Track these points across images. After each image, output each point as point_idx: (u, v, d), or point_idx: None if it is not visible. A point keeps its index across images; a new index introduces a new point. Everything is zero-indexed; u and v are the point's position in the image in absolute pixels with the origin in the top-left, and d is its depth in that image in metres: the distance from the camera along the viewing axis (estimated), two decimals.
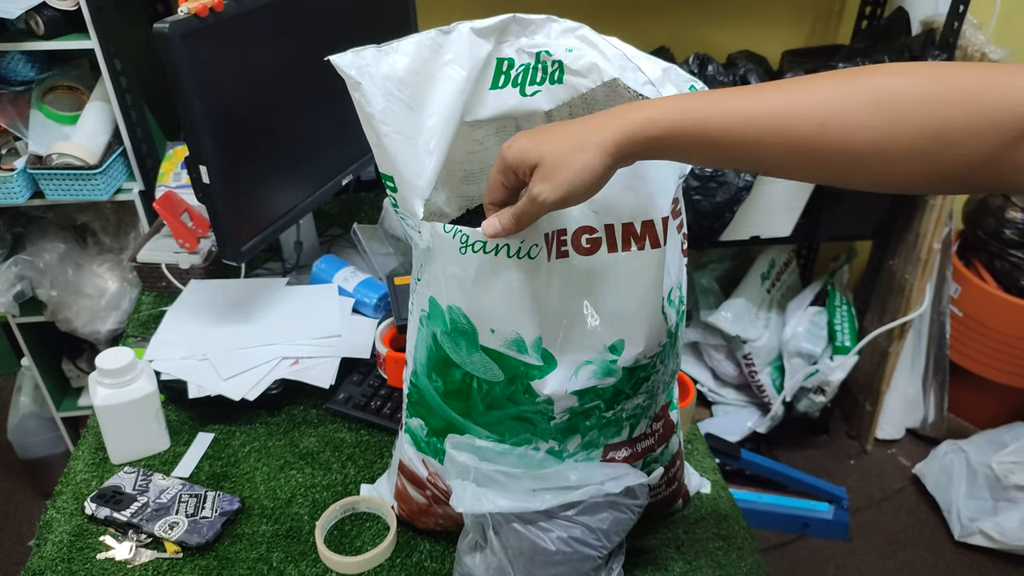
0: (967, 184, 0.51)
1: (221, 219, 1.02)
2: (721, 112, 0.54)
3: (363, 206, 1.60)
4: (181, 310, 1.18)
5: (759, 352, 2.02)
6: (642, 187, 0.67)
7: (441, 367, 0.73)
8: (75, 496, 0.94)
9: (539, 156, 0.58)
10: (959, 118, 0.48)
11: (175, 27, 0.88)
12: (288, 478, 0.97)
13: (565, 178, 0.57)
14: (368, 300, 1.20)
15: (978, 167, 0.49)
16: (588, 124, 0.58)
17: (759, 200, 1.73)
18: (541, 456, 0.75)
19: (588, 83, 0.72)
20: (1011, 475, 1.83)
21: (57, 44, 1.40)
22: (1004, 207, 1.93)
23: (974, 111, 0.48)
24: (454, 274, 0.67)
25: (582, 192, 0.58)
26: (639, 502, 0.76)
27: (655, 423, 0.80)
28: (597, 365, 0.69)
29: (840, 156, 0.52)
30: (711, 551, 0.89)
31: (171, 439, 1.02)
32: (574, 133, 0.58)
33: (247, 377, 1.05)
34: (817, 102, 0.51)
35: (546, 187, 0.58)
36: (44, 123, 1.50)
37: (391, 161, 0.68)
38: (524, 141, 0.60)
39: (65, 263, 1.65)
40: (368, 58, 0.66)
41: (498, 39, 0.72)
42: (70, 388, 1.91)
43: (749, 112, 0.53)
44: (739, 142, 0.54)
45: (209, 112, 0.96)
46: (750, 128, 0.53)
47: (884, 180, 0.53)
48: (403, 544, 0.88)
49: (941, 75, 0.49)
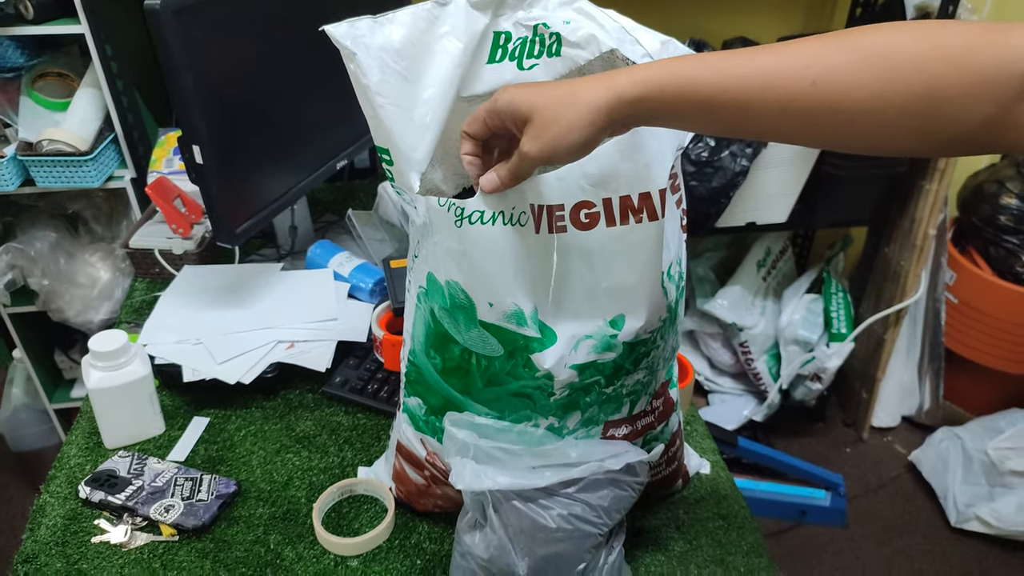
0: (964, 145, 0.51)
1: (215, 200, 1.01)
2: (711, 73, 0.53)
3: (357, 193, 1.59)
4: (175, 295, 1.17)
5: (755, 340, 2.02)
6: (639, 159, 0.66)
7: (440, 343, 0.72)
8: (69, 480, 0.93)
9: (529, 110, 0.58)
10: (949, 75, 0.47)
11: (167, 4, 0.87)
12: (285, 461, 0.96)
13: (552, 135, 0.57)
14: (364, 285, 1.19)
15: (973, 127, 0.48)
16: (581, 83, 0.57)
17: (755, 186, 1.72)
18: (541, 433, 0.74)
19: (586, 55, 0.71)
20: (1007, 461, 1.84)
21: (47, 29, 1.38)
22: (999, 193, 1.93)
23: (965, 69, 0.47)
24: (451, 248, 0.66)
25: (568, 149, 0.58)
26: (639, 479, 0.75)
27: (655, 400, 0.79)
28: (597, 339, 0.68)
29: (832, 116, 0.51)
30: (711, 530, 0.89)
31: (166, 423, 1.01)
32: (566, 91, 0.57)
33: (242, 361, 1.04)
34: (807, 61, 0.51)
35: (535, 144, 0.58)
36: (34, 110, 1.49)
37: (387, 133, 0.67)
38: (517, 92, 0.59)
39: (57, 252, 1.63)
40: (363, 29, 0.65)
41: (495, 12, 0.71)
42: (63, 379, 1.90)
43: (739, 72, 0.52)
44: (730, 103, 0.53)
45: (201, 91, 0.94)
46: (741, 89, 0.52)
47: (878, 141, 0.52)
48: (401, 526, 0.87)
49: (933, 33, 0.49)
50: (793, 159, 1.71)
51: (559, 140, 0.57)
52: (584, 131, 0.56)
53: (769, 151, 1.67)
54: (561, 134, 0.56)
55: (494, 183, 0.63)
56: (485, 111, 0.62)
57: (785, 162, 1.70)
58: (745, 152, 1.64)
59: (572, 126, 0.56)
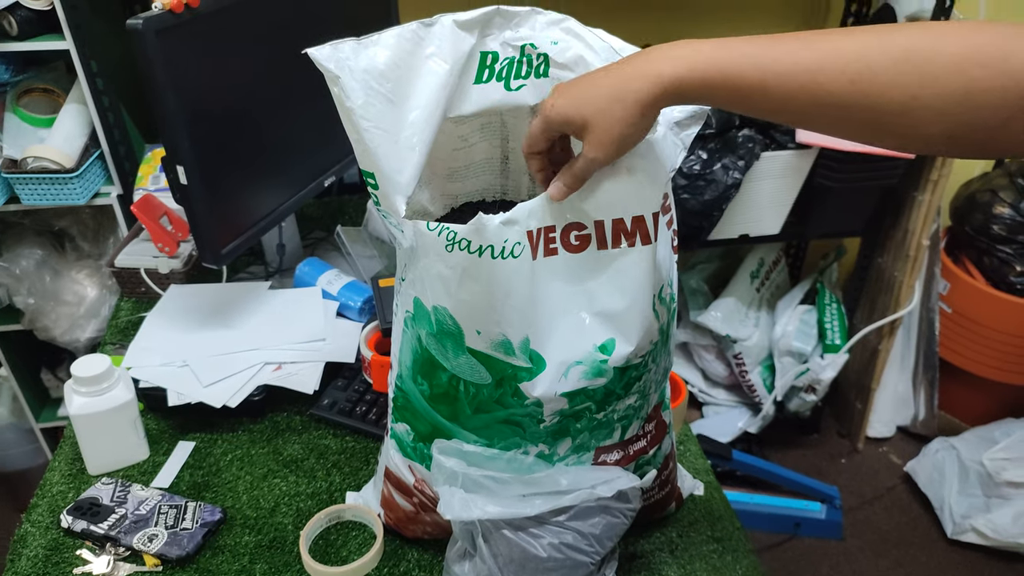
0: (988, 147, 0.52)
1: (200, 221, 0.99)
2: (753, 69, 0.55)
3: (346, 209, 1.58)
4: (160, 316, 1.15)
5: (749, 352, 2.01)
6: (632, 182, 0.65)
7: (427, 370, 0.71)
8: (51, 509, 0.91)
9: (583, 119, 0.60)
10: (985, 79, 0.48)
11: (149, 23, 0.85)
12: (272, 487, 0.94)
13: (613, 137, 0.60)
14: (353, 303, 1.17)
15: (1000, 129, 0.49)
16: (625, 74, 0.58)
17: (747, 198, 1.72)
18: (531, 460, 0.73)
19: (574, 76, 0.70)
20: (1003, 471, 1.83)
21: (31, 45, 1.36)
22: (991, 203, 1.93)
23: (1001, 73, 0.48)
24: (439, 273, 0.65)
25: (629, 143, 0.61)
26: (632, 506, 0.74)
27: (647, 424, 0.78)
28: (587, 365, 0.67)
29: (868, 113, 0.52)
30: (706, 554, 0.87)
31: (150, 448, 0.99)
32: (613, 91, 0.58)
33: (229, 383, 1.02)
34: (849, 59, 0.52)
35: (599, 150, 0.60)
36: (19, 126, 1.47)
37: (372, 157, 0.65)
38: (564, 102, 0.61)
39: (42, 270, 1.61)
40: (347, 51, 0.64)
41: (482, 32, 0.70)
42: (49, 398, 1.87)
43: (779, 68, 0.54)
44: (769, 98, 0.55)
45: (186, 111, 0.93)
46: (780, 85, 0.54)
47: (908, 139, 0.53)
48: (390, 553, 0.86)
49: (969, 35, 0.49)
50: (786, 171, 1.70)
51: (620, 141, 0.60)
52: (638, 125, 0.59)
53: (761, 164, 1.66)
54: (621, 134, 0.59)
55: (563, 191, 0.64)
56: (540, 129, 0.64)
57: (777, 174, 1.70)
58: (737, 165, 1.63)
59: (627, 123, 0.59)
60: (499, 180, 0.87)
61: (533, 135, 0.65)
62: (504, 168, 0.86)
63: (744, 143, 1.64)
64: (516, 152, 0.84)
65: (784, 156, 1.67)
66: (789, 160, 1.68)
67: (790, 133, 1.64)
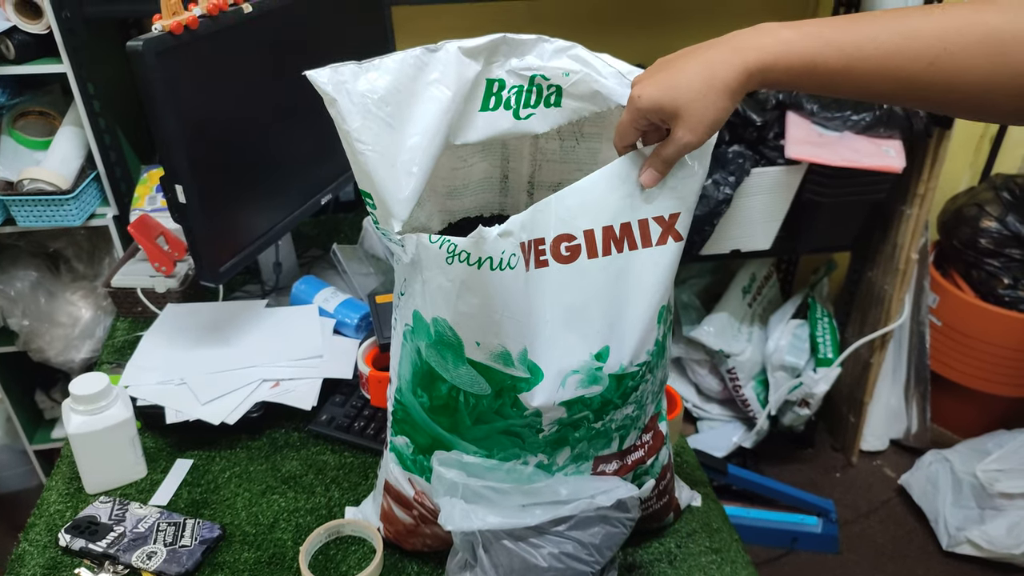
0: None
1: (198, 239, 1.00)
2: (836, 54, 0.57)
3: (342, 227, 1.59)
4: (157, 334, 1.16)
5: (743, 366, 2.02)
6: (621, 190, 0.67)
7: (427, 382, 0.72)
8: (48, 528, 0.91)
9: (675, 106, 0.62)
10: None
11: (149, 45, 0.87)
12: (270, 503, 0.94)
13: (706, 123, 0.62)
14: (349, 320, 1.18)
15: None
16: (711, 62, 0.61)
17: (738, 214, 1.74)
18: (530, 470, 0.73)
19: (592, 107, 0.71)
20: (996, 483, 1.84)
21: (29, 68, 1.38)
22: (979, 217, 1.96)
23: None
24: (440, 285, 0.66)
25: (717, 127, 0.63)
26: (631, 515, 0.75)
27: (644, 435, 0.79)
28: (583, 373, 0.68)
29: (945, 93, 0.55)
30: (704, 565, 0.88)
31: (148, 467, 0.99)
32: (702, 75, 0.61)
33: (226, 401, 1.02)
34: (929, 42, 0.54)
35: (692, 134, 0.63)
36: (15, 149, 1.48)
37: (369, 179, 0.66)
38: (653, 90, 0.62)
39: (37, 291, 1.61)
40: (346, 74, 0.64)
41: (487, 59, 0.70)
42: (43, 420, 1.86)
43: (862, 54, 0.56)
44: (851, 81, 0.58)
45: (184, 131, 0.94)
46: (863, 70, 0.57)
47: (982, 114, 0.57)
48: (390, 567, 0.86)
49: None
50: (775, 187, 1.72)
51: (712, 125, 0.62)
52: (727, 109, 0.62)
53: (752, 179, 1.68)
54: (713, 119, 0.62)
55: (655, 177, 0.67)
56: (630, 119, 0.65)
57: (767, 190, 1.72)
58: (728, 180, 1.65)
59: (718, 109, 0.61)
60: (498, 198, 0.88)
61: (623, 127, 0.66)
62: (503, 186, 0.87)
63: (734, 159, 1.66)
64: (516, 172, 0.85)
65: (774, 172, 1.69)
66: (779, 176, 1.70)
67: (779, 149, 1.67)
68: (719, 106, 0.61)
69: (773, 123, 1.68)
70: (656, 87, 0.62)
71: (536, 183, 0.85)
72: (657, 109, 0.62)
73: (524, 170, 0.84)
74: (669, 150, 0.64)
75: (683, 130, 0.62)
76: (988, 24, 0.53)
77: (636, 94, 0.63)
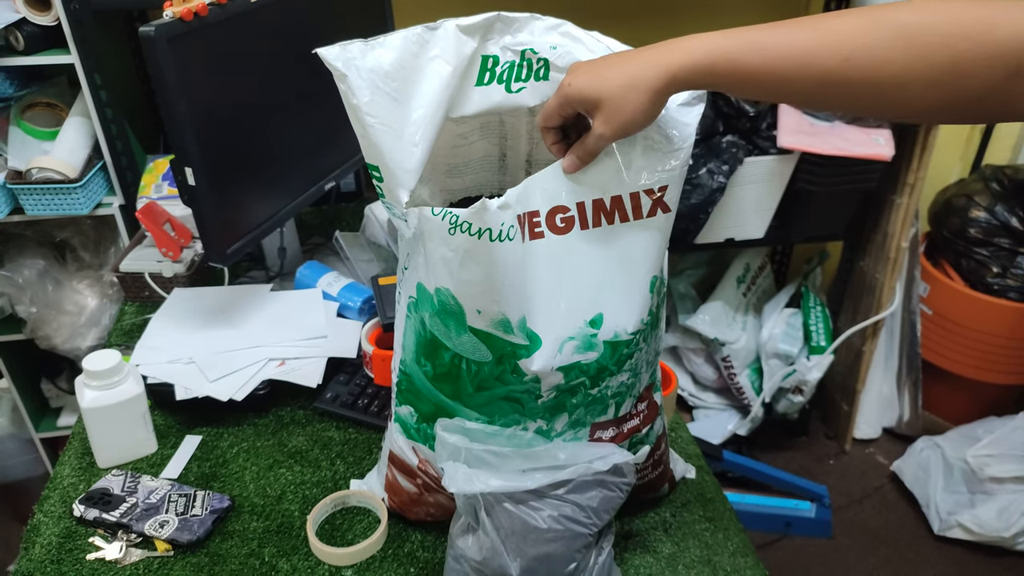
0: (977, 114, 0.57)
1: (207, 221, 1.03)
2: (757, 55, 0.59)
3: (344, 216, 1.62)
4: (165, 317, 1.19)
5: (737, 354, 2.05)
6: (611, 163, 0.70)
7: (430, 351, 0.75)
8: (63, 499, 0.93)
9: (597, 97, 0.64)
10: (972, 51, 0.53)
11: (161, 30, 0.90)
12: (278, 476, 0.97)
13: (622, 120, 0.64)
14: (352, 304, 1.21)
15: (987, 97, 0.54)
16: (640, 62, 0.63)
17: (732, 203, 1.77)
18: (530, 436, 0.76)
19: None
20: (986, 468, 1.87)
21: (37, 59, 1.41)
22: (968, 207, 1.99)
23: (985, 44, 0.52)
24: (443, 256, 0.69)
25: (636, 127, 0.66)
26: (627, 480, 0.78)
27: (639, 403, 0.82)
28: (579, 340, 0.71)
29: (864, 88, 0.57)
30: (698, 532, 0.91)
31: (158, 442, 1.02)
32: (627, 72, 0.63)
33: (234, 379, 1.05)
34: (844, 39, 0.57)
35: (607, 127, 0.65)
36: (23, 139, 1.50)
37: (377, 151, 0.70)
38: (583, 79, 0.65)
39: (44, 280, 1.64)
40: (355, 52, 0.68)
41: (483, 37, 0.74)
42: (49, 408, 1.89)
43: (781, 52, 0.59)
44: (772, 80, 0.60)
45: (194, 115, 0.97)
46: (782, 68, 0.59)
47: (903, 110, 0.58)
48: (394, 535, 0.89)
49: (954, 10, 0.54)
50: (768, 176, 1.76)
51: (628, 123, 0.65)
52: (648, 111, 0.64)
53: (745, 168, 1.72)
54: (629, 118, 0.64)
55: (575, 164, 0.69)
56: (557, 103, 0.68)
57: (761, 179, 1.75)
58: (722, 169, 1.69)
59: (637, 110, 0.64)
60: (497, 176, 0.91)
61: (548, 110, 0.69)
62: (502, 165, 0.90)
63: (728, 148, 1.69)
64: (514, 150, 0.89)
65: (766, 161, 1.73)
66: (771, 165, 1.73)
67: (771, 139, 1.70)
68: (638, 103, 0.63)
69: (766, 113, 1.71)
70: (585, 78, 0.65)
71: (533, 161, 0.88)
72: (580, 99, 0.65)
73: (522, 148, 0.87)
74: (589, 141, 0.67)
75: (599, 121, 0.65)
76: (901, 19, 0.55)
77: (567, 81, 0.67)
